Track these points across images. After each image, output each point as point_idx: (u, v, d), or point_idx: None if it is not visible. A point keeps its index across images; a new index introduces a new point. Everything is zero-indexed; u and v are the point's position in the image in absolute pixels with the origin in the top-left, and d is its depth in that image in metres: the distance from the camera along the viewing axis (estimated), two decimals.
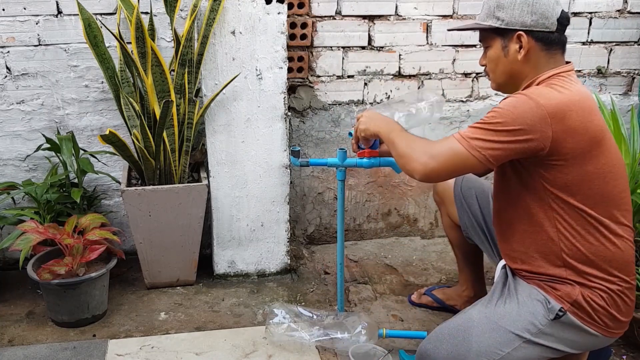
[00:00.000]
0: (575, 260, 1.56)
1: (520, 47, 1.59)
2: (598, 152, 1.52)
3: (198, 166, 2.57)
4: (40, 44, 2.42)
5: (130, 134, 2.33)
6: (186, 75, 2.28)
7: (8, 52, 2.40)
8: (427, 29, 2.70)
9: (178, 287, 2.49)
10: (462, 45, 2.75)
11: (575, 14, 2.81)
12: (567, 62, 1.63)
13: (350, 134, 1.94)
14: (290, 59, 2.59)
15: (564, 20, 1.59)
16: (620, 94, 2.98)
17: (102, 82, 2.49)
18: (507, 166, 1.62)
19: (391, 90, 2.76)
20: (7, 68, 2.42)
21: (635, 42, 2.91)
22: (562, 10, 1.59)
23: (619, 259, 1.56)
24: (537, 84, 1.58)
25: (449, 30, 1.93)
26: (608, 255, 1.55)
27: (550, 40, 1.59)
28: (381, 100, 2.77)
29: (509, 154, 1.50)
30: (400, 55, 2.71)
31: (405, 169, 1.60)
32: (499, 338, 1.57)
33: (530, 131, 1.46)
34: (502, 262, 1.77)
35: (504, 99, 1.56)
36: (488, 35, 1.66)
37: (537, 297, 1.60)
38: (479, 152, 1.48)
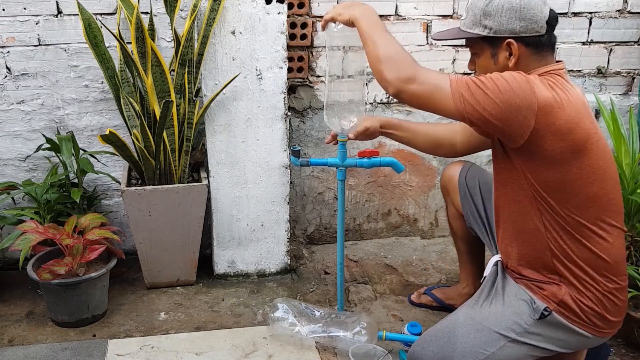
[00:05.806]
0: (562, 258, 1.56)
1: (511, 55, 1.55)
2: (581, 154, 1.49)
3: (198, 166, 2.57)
4: (40, 44, 2.42)
5: (130, 134, 2.33)
6: (186, 75, 2.29)
7: (8, 52, 2.40)
8: (427, 29, 2.70)
9: (178, 287, 2.49)
10: (462, 45, 2.74)
11: (575, 14, 2.81)
12: (558, 61, 1.59)
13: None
14: (290, 59, 2.59)
15: (552, 21, 1.55)
16: (620, 94, 2.98)
17: (102, 82, 2.49)
18: (499, 150, 1.60)
19: None
20: (7, 68, 2.42)
21: (635, 42, 2.91)
22: (551, 10, 1.55)
23: (606, 260, 1.55)
24: None
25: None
26: (593, 257, 1.54)
27: (541, 43, 1.55)
28: (381, 100, 2.76)
29: (486, 123, 1.46)
30: None
31: (382, 75, 1.50)
32: (484, 338, 1.58)
33: (514, 112, 1.43)
34: (495, 258, 1.77)
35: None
36: (475, 42, 1.61)
37: (523, 297, 1.60)
38: (461, 101, 1.45)
